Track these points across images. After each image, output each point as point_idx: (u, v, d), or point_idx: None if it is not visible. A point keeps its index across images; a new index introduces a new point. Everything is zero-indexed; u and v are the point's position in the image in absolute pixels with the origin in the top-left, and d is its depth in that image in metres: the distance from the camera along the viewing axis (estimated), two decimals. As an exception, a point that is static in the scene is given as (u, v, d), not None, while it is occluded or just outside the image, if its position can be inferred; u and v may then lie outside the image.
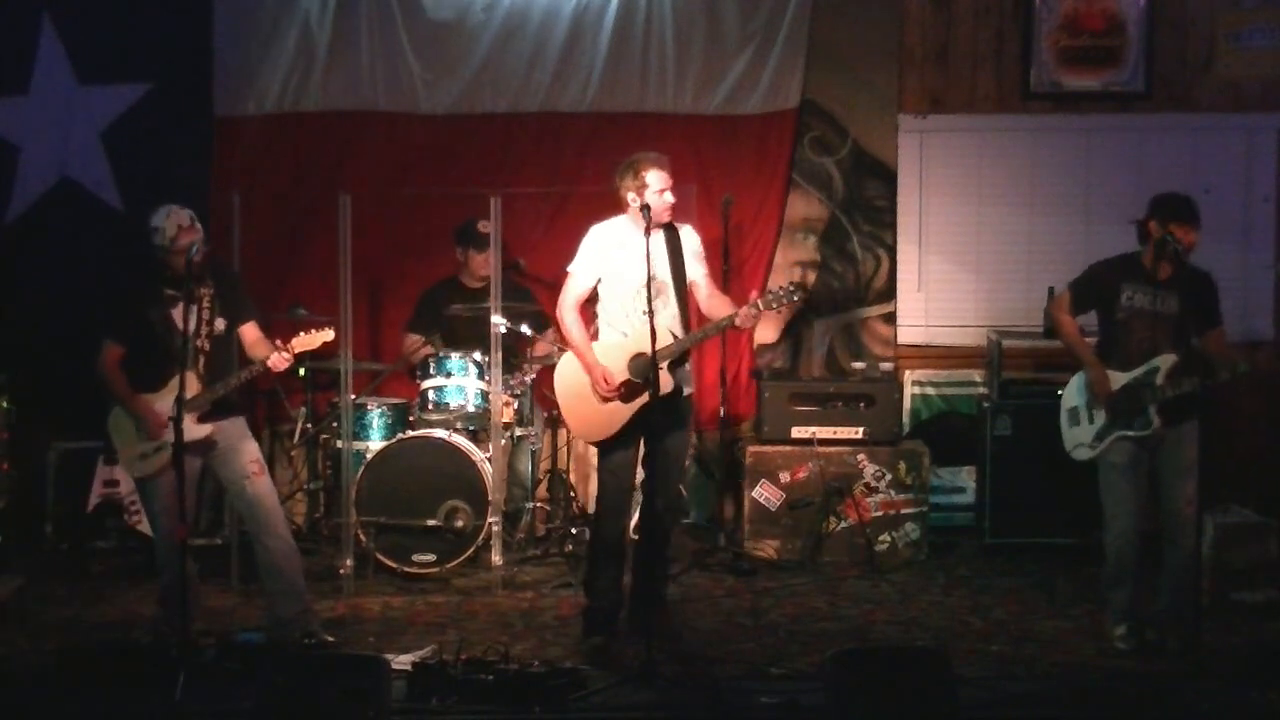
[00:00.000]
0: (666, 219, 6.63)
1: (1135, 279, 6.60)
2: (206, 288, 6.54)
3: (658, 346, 6.34)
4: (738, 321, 6.57)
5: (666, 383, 6.48)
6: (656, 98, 8.72)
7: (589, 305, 6.81)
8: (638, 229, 6.53)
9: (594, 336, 6.79)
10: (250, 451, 6.69)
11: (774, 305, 6.64)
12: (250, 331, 6.74)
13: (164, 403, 6.49)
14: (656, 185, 6.57)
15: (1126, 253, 6.72)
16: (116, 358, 6.60)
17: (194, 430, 6.40)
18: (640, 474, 6.65)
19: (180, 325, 6.42)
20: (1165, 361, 6.52)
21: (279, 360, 6.58)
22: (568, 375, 6.76)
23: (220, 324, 6.62)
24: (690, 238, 6.77)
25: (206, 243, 6.52)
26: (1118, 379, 6.59)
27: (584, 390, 6.67)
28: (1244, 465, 8.34)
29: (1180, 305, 6.54)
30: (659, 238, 6.58)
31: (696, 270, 6.75)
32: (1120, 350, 6.63)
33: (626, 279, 6.60)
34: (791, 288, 6.63)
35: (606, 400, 6.61)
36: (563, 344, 7.09)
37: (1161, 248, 6.51)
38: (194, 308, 6.43)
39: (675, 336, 6.57)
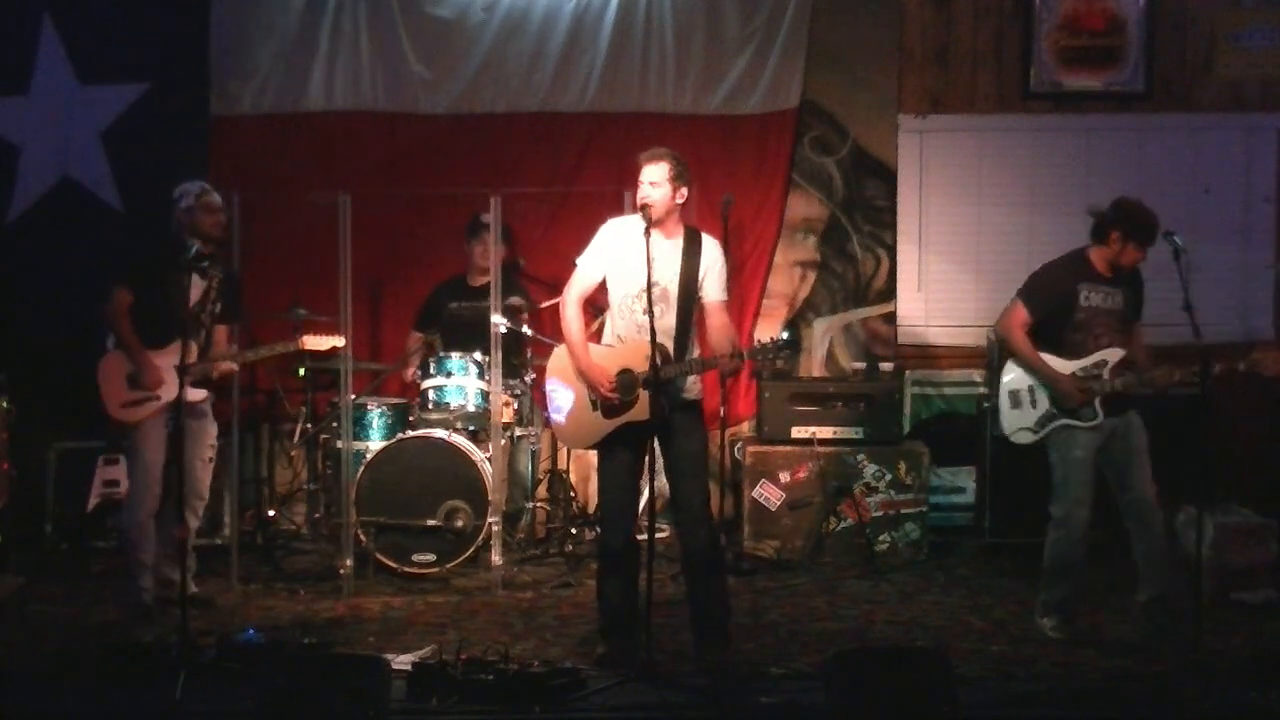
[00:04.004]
0: (648, 214, 6.16)
1: (1089, 278, 6.66)
2: (216, 272, 7.03)
3: (645, 367, 6.07)
4: (720, 369, 6.26)
5: (642, 410, 6.12)
6: (656, 98, 8.73)
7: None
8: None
9: (597, 334, 6.56)
10: (211, 435, 7.19)
11: (756, 358, 6.24)
12: (220, 336, 7.15)
13: (162, 361, 6.91)
14: (643, 178, 6.25)
15: (1072, 253, 6.74)
16: (126, 304, 6.95)
17: (190, 393, 6.72)
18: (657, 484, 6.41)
19: (190, 295, 6.78)
20: (1113, 356, 6.61)
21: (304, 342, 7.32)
22: (558, 372, 6.42)
23: (218, 307, 7.07)
24: (711, 251, 6.32)
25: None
26: (1066, 367, 6.64)
27: (579, 392, 6.33)
28: (1244, 465, 8.34)
29: (1124, 301, 6.66)
30: (675, 243, 6.26)
31: (709, 289, 6.30)
32: (1074, 344, 6.66)
33: (629, 279, 6.24)
34: (781, 343, 6.19)
35: (593, 408, 6.27)
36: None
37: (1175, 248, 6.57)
38: (205, 284, 6.95)
39: (663, 353, 6.15)
